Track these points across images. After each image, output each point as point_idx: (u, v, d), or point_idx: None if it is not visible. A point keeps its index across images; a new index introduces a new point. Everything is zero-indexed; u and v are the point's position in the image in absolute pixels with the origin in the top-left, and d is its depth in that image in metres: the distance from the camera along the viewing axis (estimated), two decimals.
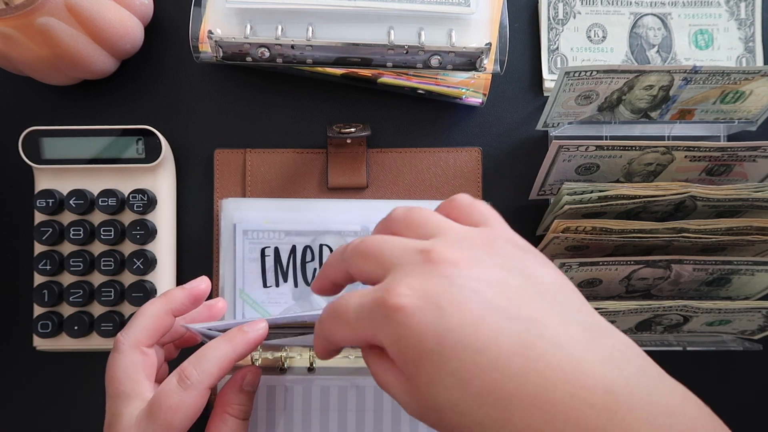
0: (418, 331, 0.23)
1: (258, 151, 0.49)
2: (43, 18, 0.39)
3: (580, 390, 0.22)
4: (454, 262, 0.25)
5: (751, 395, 0.50)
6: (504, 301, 0.24)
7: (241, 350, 0.33)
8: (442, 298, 0.24)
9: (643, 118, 0.46)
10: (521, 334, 0.23)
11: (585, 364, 0.23)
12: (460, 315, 0.23)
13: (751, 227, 0.41)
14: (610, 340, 0.25)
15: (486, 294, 0.24)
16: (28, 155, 0.46)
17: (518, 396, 0.22)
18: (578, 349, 0.23)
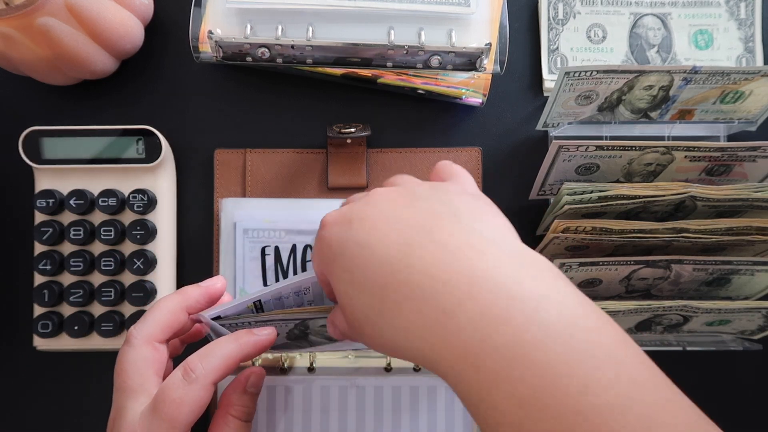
0: (329, 240, 0.29)
1: (258, 151, 0.49)
2: (43, 18, 0.39)
3: (443, 275, 0.25)
4: (384, 193, 0.30)
5: (751, 395, 0.50)
6: (407, 216, 0.27)
7: (247, 351, 0.34)
8: (355, 214, 0.28)
9: (643, 118, 0.46)
10: (410, 235, 0.26)
11: (456, 256, 0.25)
12: (362, 224, 0.28)
13: (751, 227, 0.41)
14: (525, 260, 0.26)
15: (393, 211, 0.28)
16: (29, 155, 0.46)
17: (392, 284, 0.25)
18: (456, 247, 0.25)
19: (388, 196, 0.29)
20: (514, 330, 0.23)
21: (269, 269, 0.47)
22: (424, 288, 0.25)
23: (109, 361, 0.48)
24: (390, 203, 0.29)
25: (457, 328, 0.24)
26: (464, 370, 0.23)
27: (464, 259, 0.25)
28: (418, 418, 0.46)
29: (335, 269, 0.28)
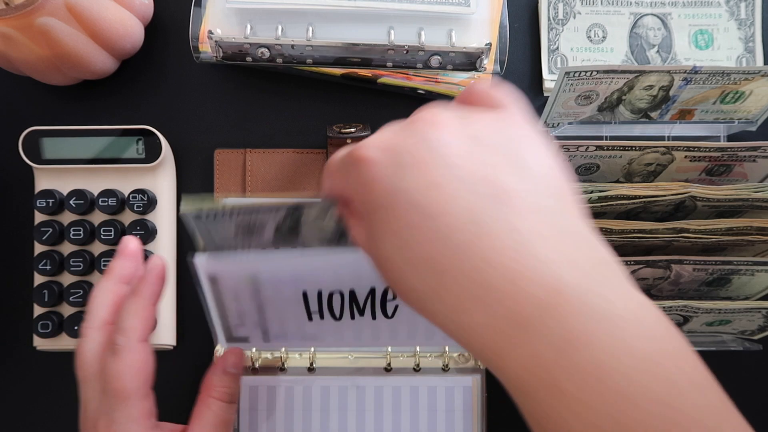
0: (373, 185, 0.23)
1: (258, 151, 0.49)
2: (43, 18, 0.39)
3: (521, 279, 0.21)
4: (434, 123, 0.23)
5: (751, 395, 0.50)
6: (470, 173, 0.22)
7: (149, 293, 0.34)
8: (406, 155, 0.23)
9: (643, 118, 0.46)
10: (475, 208, 0.21)
11: (536, 256, 0.21)
12: (417, 175, 0.22)
13: (751, 227, 0.41)
14: (579, 243, 0.22)
15: (453, 160, 0.22)
16: (28, 155, 0.46)
17: (451, 271, 0.21)
18: (535, 241, 0.21)
19: (444, 133, 0.23)
20: (599, 354, 0.20)
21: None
22: (497, 289, 0.21)
23: None
24: (448, 146, 0.22)
25: (531, 341, 0.20)
26: (535, 387, 0.21)
27: (546, 261, 0.21)
28: (418, 418, 0.46)
29: (376, 223, 0.23)
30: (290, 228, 0.34)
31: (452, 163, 0.22)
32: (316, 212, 0.33)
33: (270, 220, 0.33)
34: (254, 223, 0.32)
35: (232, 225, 0.32)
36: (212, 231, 0.32)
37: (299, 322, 0.42)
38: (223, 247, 0.33)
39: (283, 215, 0.34)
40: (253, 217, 0.33)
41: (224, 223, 0.32)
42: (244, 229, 0.33)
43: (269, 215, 0.33)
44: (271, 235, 0.34)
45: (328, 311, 0.43)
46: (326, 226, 0.33)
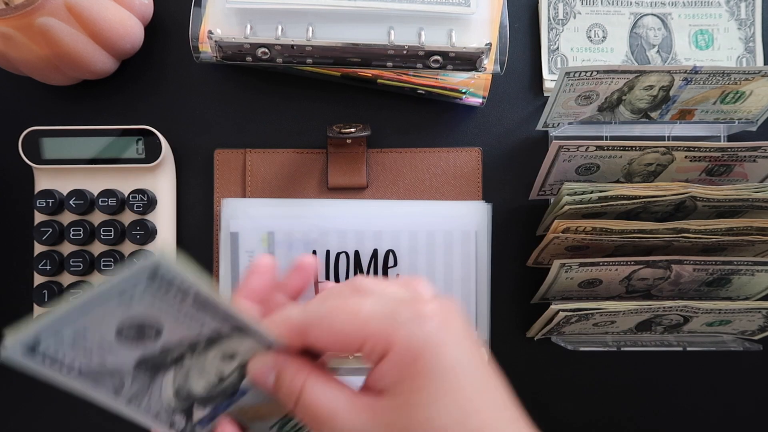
0: (441, 345, 0.24)
1: (258, 151, 0.49)
2: (43, 18, 0.39)
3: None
4: (459, 333, 0.26)
5: (751, 395, 0.50)
6: (481, 397, 0.25)
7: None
8: (460, 331, 0.25)
9: (643, 118, 0.46)
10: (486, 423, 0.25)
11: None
12: (468, 352, 0.25)
13: (752, 227, 0.41)
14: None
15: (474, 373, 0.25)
16: (28, 155, 0.46)
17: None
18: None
19: (463, 342, 0.25)
20: None
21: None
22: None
23: None
24: (468, 353, 0.25)
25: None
26: None
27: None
28: None
29: (433, 386, 0.24)
30: (179, 356, 0.28)
31: (472, 377, 0.25)
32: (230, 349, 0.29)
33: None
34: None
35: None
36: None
37: (305, 298, 0.43)
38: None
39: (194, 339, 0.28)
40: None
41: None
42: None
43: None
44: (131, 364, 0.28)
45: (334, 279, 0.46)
46: (225, 372, 0.29)
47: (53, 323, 0.24)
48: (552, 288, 0.44)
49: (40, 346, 0.24)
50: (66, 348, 0.25)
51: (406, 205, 0.48)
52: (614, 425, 0.49)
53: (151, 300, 0.26)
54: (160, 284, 0.25)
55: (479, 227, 0.47)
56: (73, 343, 0.25)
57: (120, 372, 0.27)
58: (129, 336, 0.26)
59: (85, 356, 0.26)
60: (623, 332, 0.46)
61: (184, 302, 0.26)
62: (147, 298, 0.25)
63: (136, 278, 0.24)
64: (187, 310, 0.27)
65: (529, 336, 0.48)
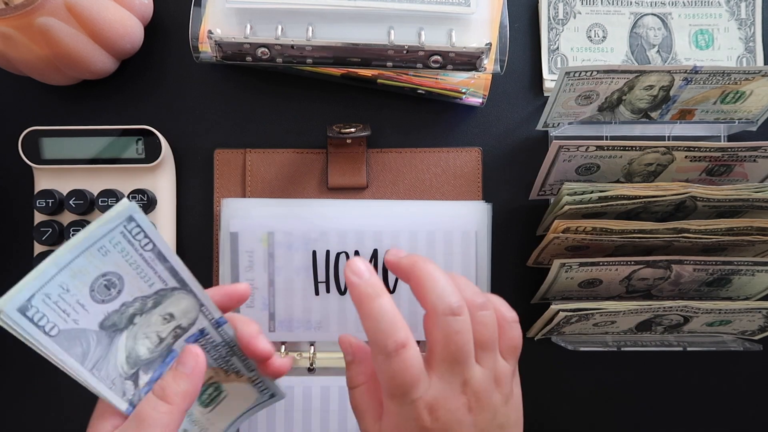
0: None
1: (258, 151, 0.49)
2: (43, 18, 0.39)
3: None
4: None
5: (751, 395, 0.50)
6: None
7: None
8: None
9: (643, 118, 0.46)
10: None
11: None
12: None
13: (752, 227, 0.41)
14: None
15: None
16: (28, 155, 0.46)
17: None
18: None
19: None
20: None
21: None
22: None
23: None
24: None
25: None
26: None
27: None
28: None
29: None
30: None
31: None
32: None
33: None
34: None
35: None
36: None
37: (306, 298, 0.46)
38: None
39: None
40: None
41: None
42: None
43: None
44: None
45: (334, 280, 0.45)
46: (163, 334, 0.33)
47: (43, 277, 0.26)
48: (552, 288, 0.44)
49: (31, 308, 0.26)
50: (50, 307, 0.27)
51: (406, 205, 0.48)
52: (614, 425, 0.49)
53: (122, 249, 0.28)
54: (132, 228, 0.28)
55: (479, 227, 0.47)
56: (57, 301, 0.27)
57: (87, 334, 0.29)
58: (99, 292, 0.28)
59: (62, 316, 0.27)
60: (623, 332, 0.46)
61: (145, 250, 0.29)
62: (119, 247, 0.28)
63: (117, 220, 0.27)
64: (147, 259, 0.29)
65: (529, 336, 0.48)
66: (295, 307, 0.47)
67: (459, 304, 0.33)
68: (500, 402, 0.35)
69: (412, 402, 0.32)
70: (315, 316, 0.47)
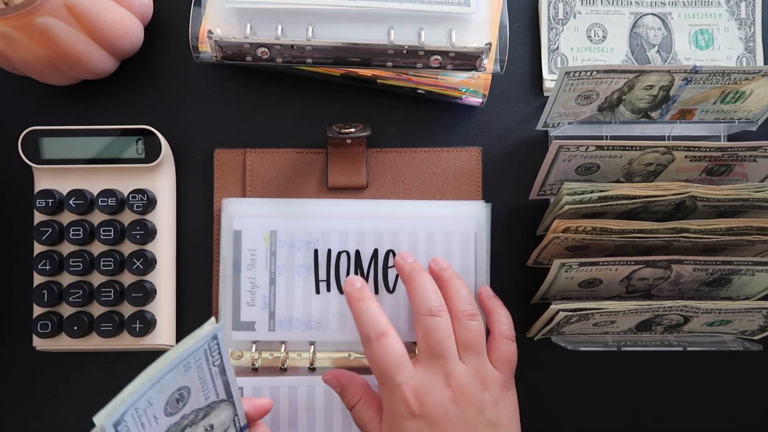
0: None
1: (258, 151, 0.49)
2: (43, 18, 0.39)
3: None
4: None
5: (751, 395, 0.50)
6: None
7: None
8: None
9: (643, 118, 0.46)
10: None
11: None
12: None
13: (752, 227, 0.41)
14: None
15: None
16: (28, 155, 0.46)
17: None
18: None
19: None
20: None
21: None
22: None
23: (108, 361, 0.48)
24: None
25: None
26: None
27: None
28: None
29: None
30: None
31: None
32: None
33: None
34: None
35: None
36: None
37: (306, 297, 0.47)
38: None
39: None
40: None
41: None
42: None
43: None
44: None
45: (335, 279, 0.45)
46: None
47: (138, 393, 0.27)
48: (552, 288, 0.44)
49: (122, 422, 0.27)
50: (135, 421, 0.27)
51: (407, 205, 0.48)
52: (614, 425, 0.49)
53: (200, 365, 0.30)
54: (213, 345, 0.30)
55: (479, 229, 0.47)
56: (141, 415, 0.28)
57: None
58: (171, 405, 0.30)
59: (139, 429, 0.28)
60: (623, 332, 0.46)
61: (214, 365, 0.31)
62: (198, 363, 0.30)
63: (205, 338, 0.29)
64: (212, 373, 0.31)
65: (529, 336, 0.48)
66: (295, 305, 0.47)
67: (438, 307, 0.40)
68: (489, 401, 0.39)
69: (398, 386, 0.38)
70: (315, 315, 0.47)
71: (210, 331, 0.29)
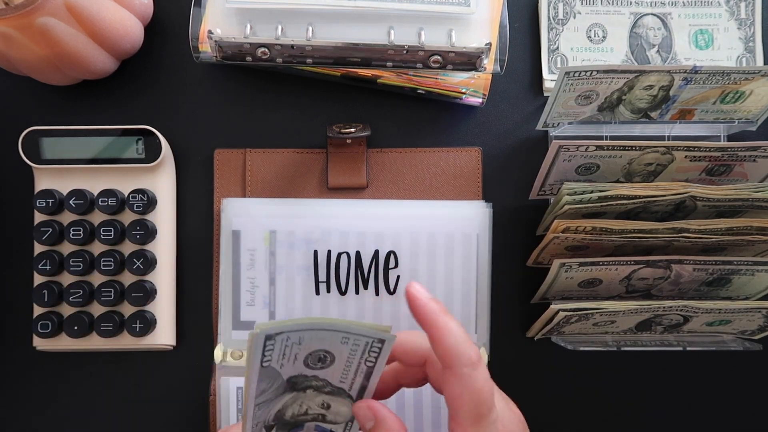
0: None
1: (258, 151, 0.49)
2: (43, 18, 0.39)
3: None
4: None
5: (751, 395, 0.50)
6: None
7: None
8: None
9: (643, 118, 0.46)
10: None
11: None
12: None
13: (751, 227, 0.41)
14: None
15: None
16: (28, 155, 0.46)
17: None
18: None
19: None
20: None
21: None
22: None
23: (108, 361, 0.48)
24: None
25: None
26: None
27: None
28: (422, 415, 0.46)
29: None
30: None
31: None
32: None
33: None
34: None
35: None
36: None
37: (306, 298, 0.47)
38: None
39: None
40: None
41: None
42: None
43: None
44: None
45: (335, 280, 0.45)
46: (310, 412, 0.35)
47: (298, 326, 0.29)
48: (552, 288, 0.44)
49: (272, 339, 0.29)
50: (280, 346, 0.29)
51: (408, 205, 0.48)
52: (614, 425, 0.49)
53: (355, 349, 0.31)
54: (375, 347, 0.31)
55: (481, 230, 0.47)
56: (287, 346, 0.30)
57: (277, 378, 0.31)
58: (313, 359, 0.31)
59: (278, 357, 0.30)
60: (623, 332, 0.46)
61: (366, 363, 0.32)
62: (355, 347, 0.31)
63: (373, 336, 0.30)
64: (359, 368, 0.32)
65: (529, 336, 0.48)
66: (295, 306, 0.47)
67: (477, 354, 0.33)
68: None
69: (494, 422, 0.32)
70: (315, 315, 0.47)
71: (382, 333, 0.30)
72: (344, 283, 0.46)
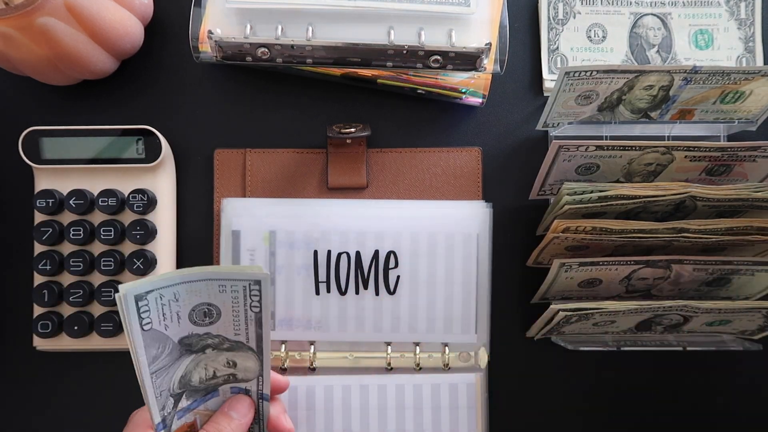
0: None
1: (258, 151, 0.49)
2: (43, 18, 0.39)
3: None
4: None
5: (751, 395, 0.50)
6: None
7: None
8: None
9: (643, 118, 0.46)
10: None
11: None
12: None
13: (751, 227, 0.41)
14: None
15: None
16: (28, 155, 0.46)
17: None
18: None
19: None
20: None
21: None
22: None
23: (108, 360, 0.48)
24: None
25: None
26: None
27: None
28: (422, 416, 0.46)
29: None
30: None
31: None
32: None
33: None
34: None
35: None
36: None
37: (306, 298, 0.47)
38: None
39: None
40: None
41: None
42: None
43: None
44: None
45: (334, 280, 0.45)
46: (218, 373, 0.36)
47: (167, 281, 0.29)
48: (552, 288, 0.44)
49: (143, 299, 0.29)
50: (156, 306, 0.30)
51: (408, 206, 0.48)
52: (614, 425, 0.49)
53: (236, 296, 0.31)
54: (254, 289, 0.31)
55: (481, 230, 0.47)
56: (164, 305, 0.30)
57: (167, 341, 0.32)
58: (197, 315, 0.32)
59: (159, 318, 0.30)
60: (623, 332, 0.46)
61: (252, 309, 0.32)
62: (235, 294, 0.31)
63: (248, 277, 0.30)
64: (247, 316, 0.32)
65: (529, 336, 0.48)
66: (295, 306, 0.47)
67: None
68: None
69: None
70: (315, 315, 0.47)
71: (253, 273, 0.31)
72: (344, 283, 0.47)
